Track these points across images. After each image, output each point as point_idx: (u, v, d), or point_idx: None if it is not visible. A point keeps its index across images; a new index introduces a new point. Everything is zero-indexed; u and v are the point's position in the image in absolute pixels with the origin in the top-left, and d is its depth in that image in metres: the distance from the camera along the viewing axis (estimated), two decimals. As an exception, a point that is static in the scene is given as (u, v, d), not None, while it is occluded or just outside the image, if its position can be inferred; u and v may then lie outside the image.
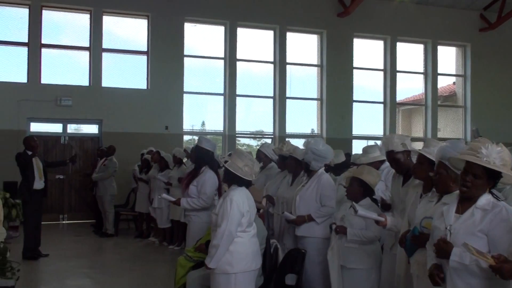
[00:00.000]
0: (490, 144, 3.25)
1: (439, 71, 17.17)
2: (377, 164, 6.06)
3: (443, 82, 18.11)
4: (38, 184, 9.07)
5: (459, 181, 3.36)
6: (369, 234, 4.89)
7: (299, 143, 6.96)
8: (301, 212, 5.78)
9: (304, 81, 16.27)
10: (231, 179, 4.87)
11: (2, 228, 5.34)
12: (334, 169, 7.30)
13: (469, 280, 3.16)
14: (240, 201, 4.72)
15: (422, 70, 17.21)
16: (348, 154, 8.58)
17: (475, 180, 3.25)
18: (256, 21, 15.25)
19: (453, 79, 18.25)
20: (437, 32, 16.79)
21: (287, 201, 6.18)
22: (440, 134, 16.95)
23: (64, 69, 13.92)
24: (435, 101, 17.09)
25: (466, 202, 3.32)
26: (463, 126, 17.51)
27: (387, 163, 6.11)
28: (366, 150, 6.39)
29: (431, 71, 16.98)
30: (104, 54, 13.96)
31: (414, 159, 4.68)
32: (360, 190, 5.01)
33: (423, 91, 17.26)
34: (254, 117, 16.15)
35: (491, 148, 3.22)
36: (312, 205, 5.77)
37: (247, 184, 4.90)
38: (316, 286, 5.67)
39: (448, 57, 17.75)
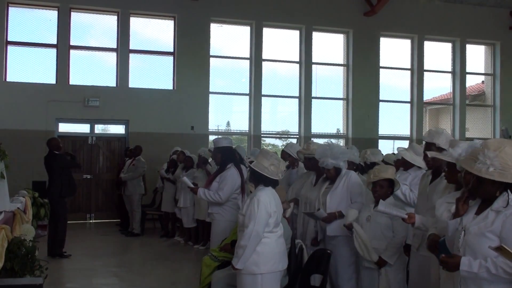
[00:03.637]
0: (496, 147, 3.09)
1: (467, 70, 16.92)
2: (410, 165, 6.01)
3: (472, 81, 17.86)
4: None
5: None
6: (398, 240, 4.90)
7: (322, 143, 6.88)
8: (331, 211, 5.73)
9: (330, 81, 16.20)
10: (258, 179, 4.85)
11: (31, 226, 5.42)
12: (362, 168, 7.24)
13: (482, 285, 3.08)
14: (267, 202, 4.68)
15: (450, 69, 16.98)
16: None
17: (477, 180, 3.15)
18: (282, 21, 15.22)
19: (482, 78, 17.97)
20: (465, 30, 16.55)
21: (310, 201, 6.14)
22: (468, 134, 16.70)
23: (92, 70, 14.10)
24: (463, 100, 16.84)
25: (486, 203, 3.21)
26: (492, 125, 17.22)
27: (414, 170, 6.01)
28: (414, 148, 6.26)
29: (459, 70, 16.73)
30: (131, 55, 14.10)
31: None
32: (389, 189, 5.03)
33: (451, 90, 17.02)
34: (279, 117, 16.15)
35: (490, 153, 3.07)
36: (342, 203, 5.71)
37: (273, 183, 4.87)
38: (347, 287, 5.62)
39: (476, 56, 17.47)
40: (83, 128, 13.96)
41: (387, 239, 4.93)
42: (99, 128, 14.24)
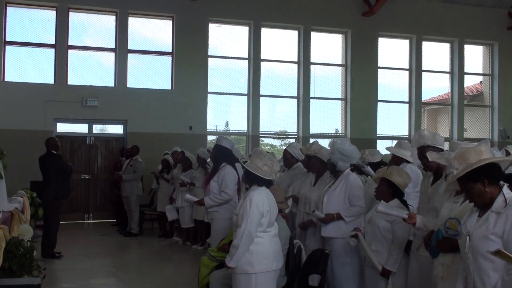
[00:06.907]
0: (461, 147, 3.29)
1: (465, 70, 16.93)
2: (400, 161, 6.03)
3: (470, 81, 17.85)
4: None
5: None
6: (397, 246, 4.89)
7: (323, 143, 6.89)
8: (329, 212, 5.74)
9: (328, 81, 16.20)
10: (251, 179, 4.86)
11: (29, 227, 5.42)
12: (359, 169, 7.24)
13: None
14: (260, 201, 4.69)
15: (448, 69, 16.99)
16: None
17: (467, 191, 3.24)
18: (280, 21, 15.22)
19: (480, 78, 17.98)
20: (463, 30, 16.57)
21: (309, 201, 6.14)
22: (466, 134, 16.73)
23: (90, 70, 14.09)
24: (461, 100, 16.85)
25: (488, 206, 3.25)
26: (490, 126, 17.24)
27: (408, 165, 6.04)
28: (400, 144, 6.31)
29: (457, 70, 16.75)
30: (130, 55, 14.08)
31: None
32: (389, 191, 5.00)
33: (449, 91, 17.04)
34: (278, 117, 16.15)
35: (451, 153, 3.33)
36: (341, 205, 5.73)
37: (267, 183, 4.88)
38: (345, 287, 5.63)
39: (475, 56, 17.49)
40: (81, 128, 13.94)
41: (387, 242, 4.93)
42: (97, 128, 14.22)
